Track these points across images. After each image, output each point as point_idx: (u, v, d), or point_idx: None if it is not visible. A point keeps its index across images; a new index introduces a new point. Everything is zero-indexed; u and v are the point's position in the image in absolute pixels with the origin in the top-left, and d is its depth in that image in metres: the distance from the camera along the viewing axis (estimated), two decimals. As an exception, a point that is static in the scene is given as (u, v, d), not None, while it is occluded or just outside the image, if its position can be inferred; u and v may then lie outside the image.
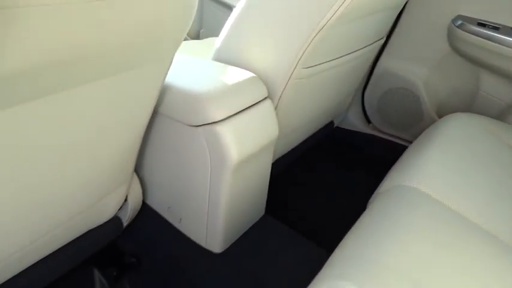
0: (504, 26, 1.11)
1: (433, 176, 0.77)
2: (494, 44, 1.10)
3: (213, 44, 0.98)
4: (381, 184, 0.82)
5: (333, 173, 1.36)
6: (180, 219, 0.91)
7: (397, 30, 1.29)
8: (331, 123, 1.41)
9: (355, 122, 1.50)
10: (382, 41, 1.21)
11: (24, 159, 0.53)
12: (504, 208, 0.75)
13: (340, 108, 1.38)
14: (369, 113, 1.46)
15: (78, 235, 0.79)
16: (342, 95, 1.24)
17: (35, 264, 0.72)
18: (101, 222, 0.82)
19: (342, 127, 1.53)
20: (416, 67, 1.30)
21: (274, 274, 0.88)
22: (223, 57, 0.91)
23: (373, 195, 0.81)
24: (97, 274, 0.89)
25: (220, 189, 0.80)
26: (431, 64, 1.28)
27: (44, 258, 0.74)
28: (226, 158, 0.76)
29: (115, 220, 0.85)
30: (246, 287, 0.85)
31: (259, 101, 0.84)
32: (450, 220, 0.67)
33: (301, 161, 1.37)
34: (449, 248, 0.60)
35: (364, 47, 1.08)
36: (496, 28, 1.11)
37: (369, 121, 1.47)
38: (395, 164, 0.88)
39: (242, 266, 0.89)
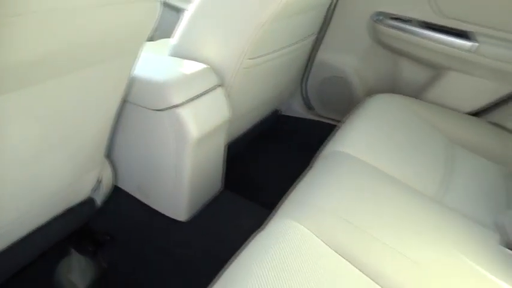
0: (414, 19, 1.33)
1: (358, 142, 0.95)
2: (406, 34, 1.32)
3: (167, 44, 1.11)
4: (319, 150, 0.98)
5: (283, 153, 1.52)
6: (149, 195, 1.02)
7: (331, 25, 1.48)
8: (277, 111, 1.58)
9: (299, 109, 1.68)
10: (314, 36, 1.39)
11: (5, 146, 0.62)
12: (416, 165, 0.94)
13: (284, 97, 1.54)
14: (310, 100, 1.64)
15: (56, 214, 0.88)
16: (284, 83, 1.41)
17: (15, 243, 0.80)
18: (77, 202, 0.92)
19: (288, 115, 1.70)
20: (347, 57, 1.50)
21: (237, 234, 1.02)
22: (180, 53, 1.04)
23: (314, 159, 0.97)
24: (74, 252, 0.99)
25: (183, 164, 0.93)
26: (360, 54, 1.48)
27: (24, 237, 0.82)
28: (187, 136, 0.89)
29: (89, 200, 0.95)
30: (212, 247, 0.98)
31: (213, 88, 0.98)
32: (372, 174, 0.85)
33: (253, 144, 1.52)
34: (371, 193, 0.77)
35: (299, 40, 1.25)
36: (408, 21, 1.33)
37: (311, 108, 1.66)
38: (333, 135, 1.05)
39: (207, 230, 1.02)
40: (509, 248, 0.73)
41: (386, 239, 0.65)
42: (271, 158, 1.50)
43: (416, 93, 1.44)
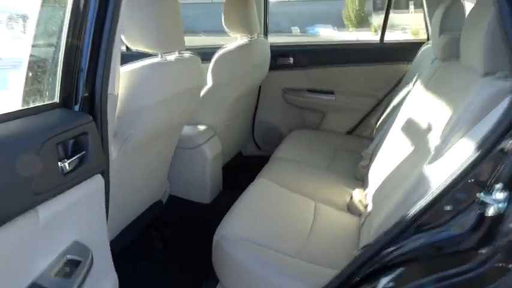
0: (303, 89, 2.48)
1: (279, 170, 1.94)
2: (300, 98, 2.46)
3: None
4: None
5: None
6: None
7: (259, 99, 2.58)
8: (240, 153, 2.59)
9: (251, 150, 2.70)
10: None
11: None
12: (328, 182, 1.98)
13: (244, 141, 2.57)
14: (258, 144, 2.68)
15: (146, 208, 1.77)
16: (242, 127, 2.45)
17: (125, 228, 1.63)
18: (156, 201, 1.81)
19: (247, 155, 2.71)
20: (278, 115, 2.58)
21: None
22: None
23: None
24: (154, 231, 1.86)
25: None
26: (284, 111, 2.58)
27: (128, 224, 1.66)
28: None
29: (160, 201, 1.85)
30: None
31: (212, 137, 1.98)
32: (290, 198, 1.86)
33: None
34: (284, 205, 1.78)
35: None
36: (301, 90, 2.48)
37: (259, 148, 2.69)
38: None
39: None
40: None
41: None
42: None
43: (316, 126, 2.56)
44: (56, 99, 0.90)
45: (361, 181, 1.80)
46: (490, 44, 1.02)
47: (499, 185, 0.81)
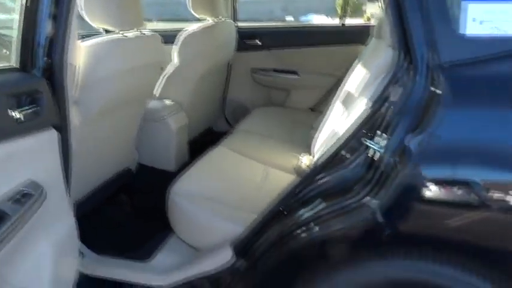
0: (270, 69, 2.64)
1: (238, 140, 2.11)
2: (267, 78, 2.62)
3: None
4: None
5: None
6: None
7: (231, 77, 2.74)
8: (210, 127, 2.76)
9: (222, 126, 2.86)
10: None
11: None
12: (277, 147, 2.15)
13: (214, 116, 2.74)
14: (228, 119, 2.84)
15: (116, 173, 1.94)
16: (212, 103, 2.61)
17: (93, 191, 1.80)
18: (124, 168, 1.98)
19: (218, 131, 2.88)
20: (247, 93, 2.75)
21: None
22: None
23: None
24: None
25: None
26: (253, 90, 2.75)
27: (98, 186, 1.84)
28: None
29: (128, 169, 2.02)
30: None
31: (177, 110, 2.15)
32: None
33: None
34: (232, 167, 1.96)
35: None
36: (267, 70, 2.64)
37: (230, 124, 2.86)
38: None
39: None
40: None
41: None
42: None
43: (281, 104, 2.73)
44: (16, 64, 1.06)
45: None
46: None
47: (379, 131, 0.99)
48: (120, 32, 1.53)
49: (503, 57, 0.89)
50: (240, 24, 2.64)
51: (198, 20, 2.25)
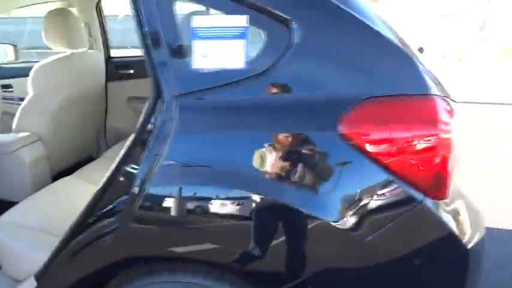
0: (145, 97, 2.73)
1: (93, 168, 2.19)
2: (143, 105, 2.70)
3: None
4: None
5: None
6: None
7: (108, 104, 2.79)
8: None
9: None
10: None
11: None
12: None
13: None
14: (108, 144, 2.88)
15: None
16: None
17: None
18: None
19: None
20: (125, 121, 2.81)
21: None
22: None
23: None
24: None
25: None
26: (131, 117, 2.81)
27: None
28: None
29: None
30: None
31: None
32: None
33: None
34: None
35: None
36: (143, 98, 2.73)
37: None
38: None
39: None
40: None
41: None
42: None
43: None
44: None
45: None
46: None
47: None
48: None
49: (219, 86, 1.03)
50: (113, 54, 2.72)
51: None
